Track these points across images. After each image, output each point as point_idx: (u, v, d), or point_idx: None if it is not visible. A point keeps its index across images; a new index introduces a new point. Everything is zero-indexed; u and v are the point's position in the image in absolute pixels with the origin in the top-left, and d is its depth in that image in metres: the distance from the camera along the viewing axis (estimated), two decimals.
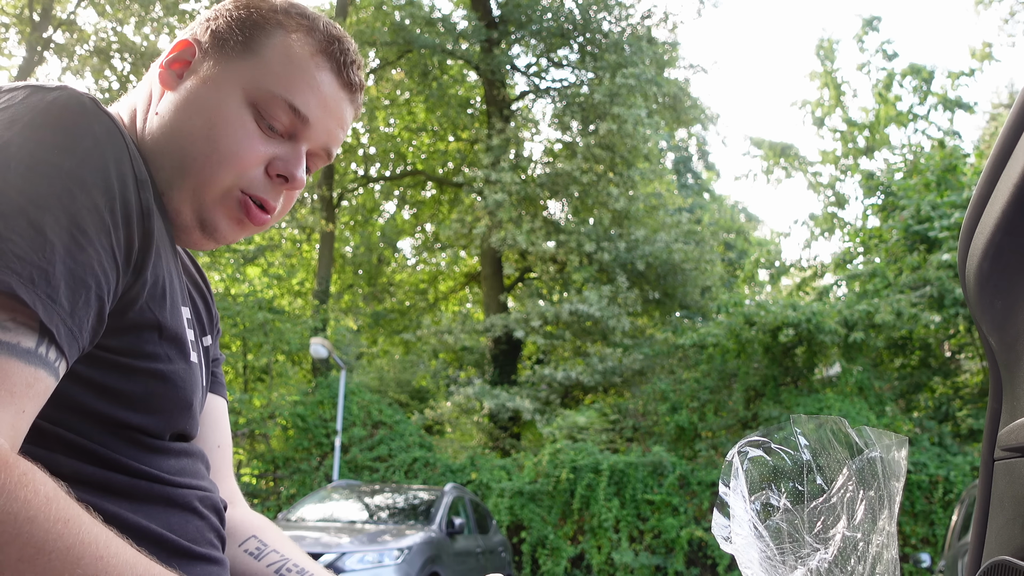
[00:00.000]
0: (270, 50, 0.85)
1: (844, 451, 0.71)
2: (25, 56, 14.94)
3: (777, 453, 0.72)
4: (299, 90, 0.85)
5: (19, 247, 0.62)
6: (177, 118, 0.84)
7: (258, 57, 0.85)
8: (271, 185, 0.87)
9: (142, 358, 0.76)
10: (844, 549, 0.68)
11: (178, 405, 0.81)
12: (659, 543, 11.96)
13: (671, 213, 18.02)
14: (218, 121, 0.83)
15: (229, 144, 0.83)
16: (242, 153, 0.83)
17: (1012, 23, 20.51)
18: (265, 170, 0.86)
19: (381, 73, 18.26)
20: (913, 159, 15.91)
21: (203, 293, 1.01)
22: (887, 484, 0.70)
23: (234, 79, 0.84)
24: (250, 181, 0.85)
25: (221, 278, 16.37)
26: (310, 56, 0.86)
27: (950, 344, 13.65)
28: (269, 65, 0.85)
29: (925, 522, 11.24)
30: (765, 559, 0.69)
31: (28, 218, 0.63)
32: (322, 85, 0.87)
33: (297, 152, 0.87)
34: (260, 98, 0.84)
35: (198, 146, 0.83)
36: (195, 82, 0.85)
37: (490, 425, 15.87)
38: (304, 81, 0.85)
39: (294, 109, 0.85)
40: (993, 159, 0.77)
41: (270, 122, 0.85)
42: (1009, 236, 0.75)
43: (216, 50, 0.86)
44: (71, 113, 0.70)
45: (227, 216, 0.86)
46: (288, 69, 0.85)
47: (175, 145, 0.83)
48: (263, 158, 0.85)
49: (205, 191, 0.84)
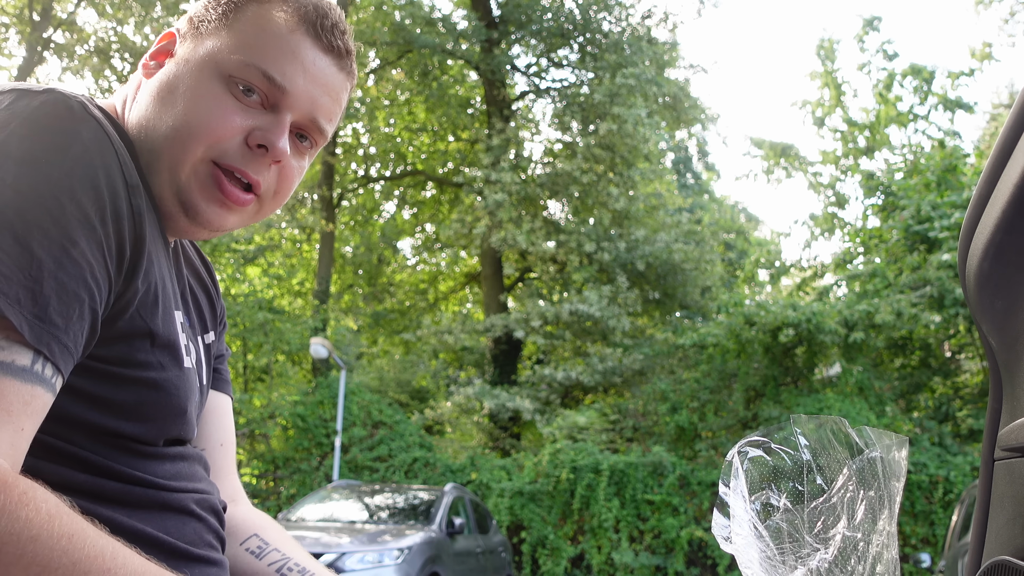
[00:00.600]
0: (243, 23, 0.83)
1: (844, 451, 0.71)
2: (25, 56, 14.94)
3: (777, 453, 0.72)
4: (273, 58, 0.82)
5: (5, 266, 0.61)
6: (151, 101, 0.83)
7: (231, 31, 0.83)
8: (251, 156, 0.83)
9: (134, 367, 0.75)
10: (844, 549, 0.68)
11: (171, 412, 0.80)
12: (659, 543, 11.96)
13: (671, 213, 18.02)
14: (189, 95, 0.81)
15: (199, 115, 0.80)
16: (213, 123, 0.80)
17: (1012, 23, 20.52)
18: (245, 141, 0.82)
19: (381, 73, 18.26)
20: (913, 159, 15.91)
21: (206, 287, 1.00)
22: (887, 484, 0.70)
23: (206, 55, 0.82)
24: (222, 151, 0.81)
25: (221, 278, 16.37)
26: (285, 23, 0.83)
27: (950, 344, 13.64)
28: (242, 36, 0.82)
29: (925, 522, 11.24)
30: (765, 559, 0.69)
31: (15, 234, 0.62)
32: (300, 51, 0.83)
33: (278, 122, 0.83)
34: (233, 68, 0.81)
35: (168, 123, 0.80)
36: (170, 66, 0.84)
37: (490, 425, 15.86)
38: (278, 48, 0.82)
39: (268, 77, 0.82)
40: (993, 159, 0.77)
41: (246, 92, 0.82)
42: (1009, 236, 0.75)
43: (193, 36, 0.85)
44: (58, 119, 0.69)
45: (203, 195, 0.82)
46: (261, 38, 0.82)
47: (150, 128, 0.81)
48: (239, 129, 0.81)
49: (179, 169, 0.81)
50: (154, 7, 15.22)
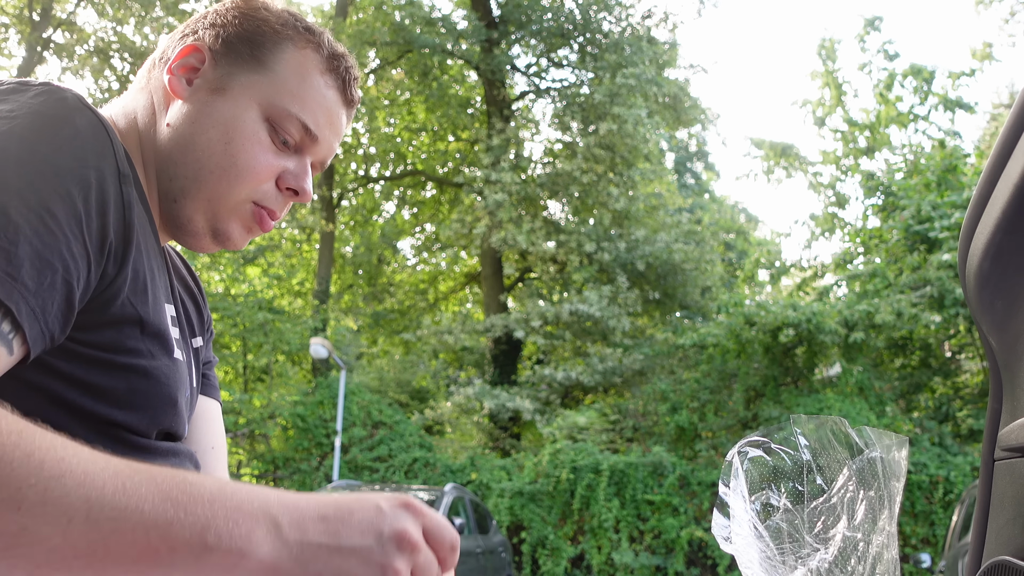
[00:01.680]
0: (283, 66, 0.88)
1: (844, 451, 0.71)
2: (25, 56, 14.95)
3: (777, 453, 0.72)
4: (311, 109, 0.88)
5: None
6: (192, 130, 0.85)
7: (272, 73, 0.87)
8: (281, 197, 0.90)
9: (123, 353, 0.75)
10: (844, 549, 0.68)
11: (163, 402, 0.80)
12: (659, 543, 11.96)
13: (671, 213, 18.02)
14: (235, 136, 0.85)
15: (247, 159, 0.86)
16: (259, 168, 0.86)
17: (1012, 23, 20.54)
18: (275, 182, 0.89)
19: (381, 73, 18.27)
20: (913, 159, 15.92)
21: (194, 295, 1.02)
22: (887, 484, 0.70)
23: (250, 93, 0.86)
24: (264, 194, 0.88)
25: (221, 278, 16.38)
26: (319, 74, 0.89)
27: (950, 344, 13.64)
28: (284, 82, 0.87)
29: (925, 522, 11.24)
30: (765, 559, 0.69)
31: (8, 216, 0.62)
32: (329, 103, 0.90)
33: (304, 166, 0.91)
34: (275, 115, 0.87)
35: (215, 160, 0.85)
36: (208, 93, 0.86)
37: (490, 425, 15.87)
38: (315, 100, 0.89)
39: (306, 127, 0.88)
40: (993, 159, 0.77)
41: (284, 137, 0.88)
42: (1009, 236, 0.75)
43: (227, 60, 0.87)
44: (51, 105, 0.70)
45: (240, 225, 0.89)
46: (301, 87, 0.88)
47: (191, 157, 0.85)
48: (275, 172, 0.88)
49: (220, 203, 0.87)
50: (154, 7, 15.23)
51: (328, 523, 0.59)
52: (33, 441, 0.54)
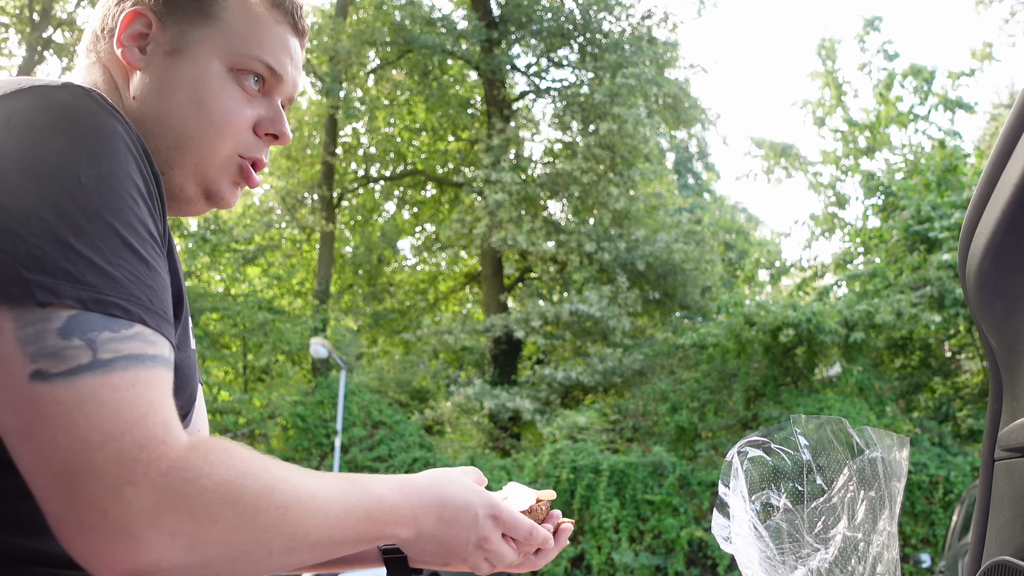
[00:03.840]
0: (230, 12, 0.86)
1: (845, 451, 0.71)
2: (25, 56, 14.95)
3: (777, 453, 0.72)
4: (269, 48, 0.88)
5: (129, 266, 0.65)
6: (160, 99, 0.84)
7: (222, 22, 0.86)
8: (262, 144, 0.90)
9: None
10: (844, 549, 0.68)
11: (189, 394, 0.81)
12: (659, 543, 11.96)
13: (671, 213, 18.01)
14: (205, 95, 0.84)
15: (223, 114, 0.85)
16: (235, 121, 0.86)
17: (1012, 23, 20.53)
18: (253, 130, 0.89)
19: (381, 73, 18.26)
20: (913, 159, 15.91)
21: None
22: (887, 484, 0.70)
23: (206, 48, 0.85)
24: (246, 145, 0.88)
25: (221, 278, 16.37)
26: (267, 11, 0.88)
27: (950, 344, 13.64)
28: (236, 29, 0.86)
29: (925, 522, 11.24)
30: (765, 559, 0.69)
31: (121, 239, 0.65)
32: (283, 38, 0.89)
33: (276, 108, 0.90)
34: (237, 63, 0.86)
35: (192, 123, 0.84)
36: (165, 58, 0.85)
37: (490, 425, 15.86)
38: (270, 39, 0.88)
39: (270, 68, 0.88)
40: (993, 159, 0.77)
41: (250, 83, 0.87)
42: (1009, 236, 0.75)
43: (173, 19, 0.85)
44: (93, 114, 0.69)
45: (229, 182, 0.89)
46: (254, 30, 0.87)
47: (166, 126, 0.84)
48: (252, 120, 0.88)
49: (208, 164, 0.86)
50: None
51: (440, 522, 0.81)
52: (278, 470, 0.68)
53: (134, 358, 0.62)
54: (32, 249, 0.60)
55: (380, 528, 0.76)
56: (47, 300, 0.60)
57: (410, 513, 0.78)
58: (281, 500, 0.66)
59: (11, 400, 0.59)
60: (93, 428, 0.58)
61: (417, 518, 0.79)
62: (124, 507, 0.57)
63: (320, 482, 0.71)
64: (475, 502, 0.84)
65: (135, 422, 0.60)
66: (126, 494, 0.58)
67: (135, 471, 0.58)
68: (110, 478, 0.57)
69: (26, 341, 0.59)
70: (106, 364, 0.60)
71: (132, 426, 0.59)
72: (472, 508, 0.83)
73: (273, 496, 0.65)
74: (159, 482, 0.59)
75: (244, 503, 0.63)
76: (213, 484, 0.61)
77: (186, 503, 0.60)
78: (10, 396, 0.59)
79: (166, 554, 0.59)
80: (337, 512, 0.71)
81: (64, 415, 0.58)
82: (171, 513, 0.59)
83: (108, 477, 0.57)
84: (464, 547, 0.83)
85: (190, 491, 0.60)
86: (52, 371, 0.59)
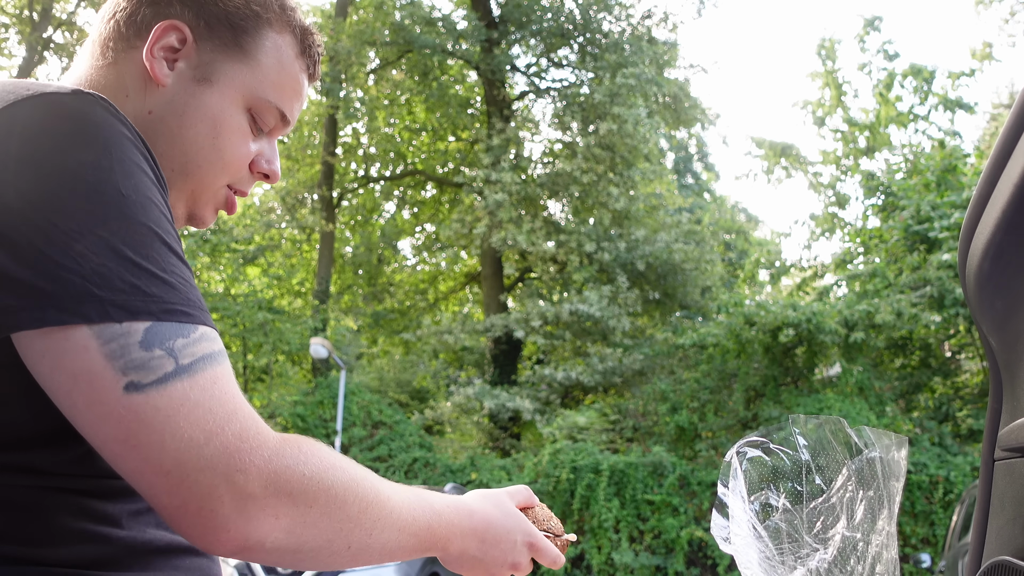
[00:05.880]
0: (264, 55, 0.88)
1: (844, 451, 0.71)
2: (25, 56, 14.95)
3: (776, 453, 0.72)
4: (288, 96, 0.91)
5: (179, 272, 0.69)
6: (181, 123, 0.83)
7: (255, 63, 0.87)
8: (252, 179, 0.94)
9: None
10: (844, 549, 0.68)
11: None
12: (659, 543, 11.95)
13: (671, 213, 18.01)
14: (223, 131, 0.86)
15: (232, 152, 0.88)
16: (241, 158, 0.89)
17: (1012, 23, 20.52)
18: (248, 165, 0.92)
19: (381, 73, 18.26)
20: (913, 159, 15.91)
21: None
22: (887, 484, 0.70)
23: (235, 85, 0.86)
24: (240, 180, 0.92)
25: (221, 278, 16.37)
26: (295, 60, 0.91)
27: (950, 344, 13.64)
28: (267, 73, 0.89)
29: (925, 522, 11.23)
30: (764, 559, 0.69)
31: (167, 246, 0.69)
32: (301, 86, 0.93)
33: (274, 148, 0.94)
34: (256, 106, 0.89)
35: (203, 154, 0.86)
36: (193, 83, 0.84)
37: (490, 425, 15.86)
38: (292, 88, 0.91)
39: (283, 115, 0.91)
40: (993, 159, 0.77)
41: (261, 126, 0.91)
42: (1009, 236, 0.75)
43: (210, 44, 0.85)
44: (107, 124, 0.69)
45: (212, 208, 0.92)
46: (281, 76, 0.90)
47: (177, 149, 0.84)
48: (251, 157, 0.91)
49: (202, 192, 0.89)
50: None
51: (484, 544, 0.89)
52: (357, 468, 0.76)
53: (207, 357, 0.68)
54: (97, 267, 0.63)
55: (435, 541, 0.83)
56: (124, 318, 0.64)
57: (459, 532, 0.86)
58: (363, 494, 0.73)
59: (109, 413, 0.63)
60: (195, 427, 0.64)
61: (465, 537, 0.87)
62: (237, 492, 0.64)
63: (392, 487, 0.79)
64: (515, 530, 0.93)
65: (229, 417, 0.66)
66: (237, 480, 0.64)
67: (241, 460, 0.65)
68: (221, 468, 0.64)
69: (112, 356, 0.63)
70: (188, 368, 0.65)
71: (228, 421, 0.66)
72: (512, 536, 0.92)
73: (358, 489, 0.73)
74: (264, 468, 0.66)
75: (335, 492, 0.70)
76: (311, 471, 0.68)
77: (288, 487, 0.67)
78: (107, 409, 0.63)
79: (271, 534, 0.66)
80: (406, 517, 0.78)
81: (166, 420, 0.63)
82: (275, 496, 0.66)
83: (220, 467, 0.64)
84: (499, 567, 0.91)
85: (291, 477, 0.67)
86: (144, 381, 0.63)
